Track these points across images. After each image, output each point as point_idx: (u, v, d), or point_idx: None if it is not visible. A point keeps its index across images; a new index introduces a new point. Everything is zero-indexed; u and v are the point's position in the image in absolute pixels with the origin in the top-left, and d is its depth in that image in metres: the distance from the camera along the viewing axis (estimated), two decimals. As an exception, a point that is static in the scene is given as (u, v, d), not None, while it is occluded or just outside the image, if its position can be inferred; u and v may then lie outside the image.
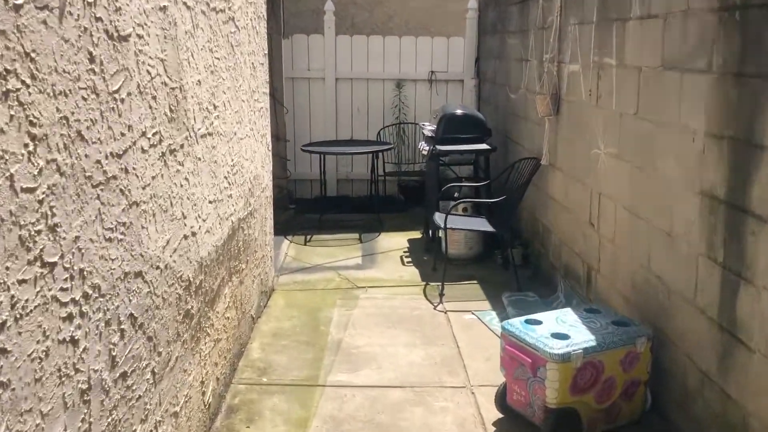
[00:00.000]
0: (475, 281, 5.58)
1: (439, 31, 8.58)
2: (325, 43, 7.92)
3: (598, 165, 4.25)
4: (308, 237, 6.79)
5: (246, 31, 4.20)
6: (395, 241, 6.70)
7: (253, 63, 4.42)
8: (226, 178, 3.60)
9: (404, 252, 6.38)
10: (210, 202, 3.27)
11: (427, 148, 6.29)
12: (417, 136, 8.10)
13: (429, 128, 6.47)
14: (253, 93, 4.42)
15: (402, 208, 7.85)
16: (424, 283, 5.57)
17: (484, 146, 6.23)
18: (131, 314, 2.28)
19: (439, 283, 5.41)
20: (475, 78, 8.03)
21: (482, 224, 5.59)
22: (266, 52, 4.92)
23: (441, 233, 5.76)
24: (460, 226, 5.48)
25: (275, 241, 6.65)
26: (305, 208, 7.78)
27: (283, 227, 6.95)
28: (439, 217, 5.61)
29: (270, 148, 5.08)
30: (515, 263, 5.53)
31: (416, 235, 6.87)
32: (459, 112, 6.37)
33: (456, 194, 6.19)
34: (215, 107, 3.39)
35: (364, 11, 8.74)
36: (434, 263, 5.91)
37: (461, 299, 5.19)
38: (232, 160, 3.78)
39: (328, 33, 7.90)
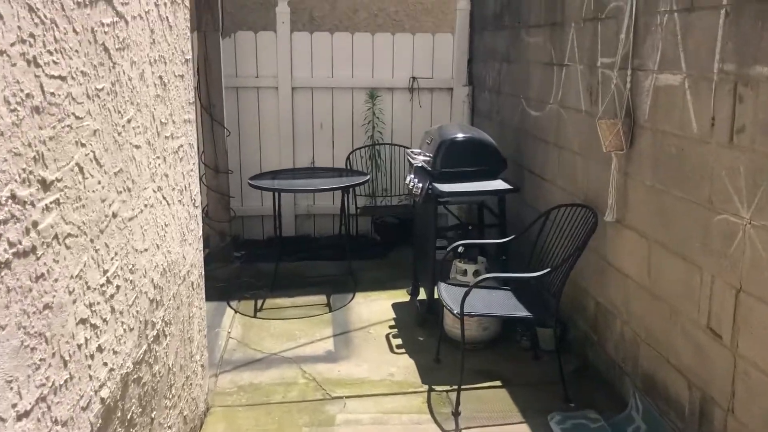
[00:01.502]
0: (499, 383, 3.89)
1: (416, 27, 6.87)
2: (277, 42, 6.11)
3: (734, 242, 2.59)
4: (259, 303, 5.02)
5: (144, 24, 2.43)
6: (376, 307, 4.99)
7: (161, 77, 2.66)
8: (86, 321, 1.80)
9: (390, 326, 4.67)
10: (20, 416, 1.46)
11: (420, 185, 4.58)
12: (395, 161, 6.39)
13: (421, 158, 4.73)
14: (162, 126, 2.65)
15: (379, 252, 6.15)
16: (427, 386, 3.86)
17: (501, 185, 4.51)
18: None
19: (448, 387, 3.79)
20: (468, 86, 6.34)
21: (511, 304, 3.87)
22: (188, 57, 3.14)
23: (437, 293, 4.06)
24: (483, 310, 3.75)
25: (213, 311, 4.90)
26: (255, 255, 5.99)
27: (224, 289, 5.19)
28: (447, 294, 3.90)
29: (198, 203, 3.30)
30: (557, 347, 3.84)
31: (402, 296, 5.16)
32: (461, 136, 4.64)
33: (460, 248, 4.50)
34: (47, 184, 1.60)
35: (325, 3, 6.97)
36: (437, 350, 4.21)
37: (486, 421, 3.50)
38: (105, 272, 1.98)
39: (282, 29, 6.10)
